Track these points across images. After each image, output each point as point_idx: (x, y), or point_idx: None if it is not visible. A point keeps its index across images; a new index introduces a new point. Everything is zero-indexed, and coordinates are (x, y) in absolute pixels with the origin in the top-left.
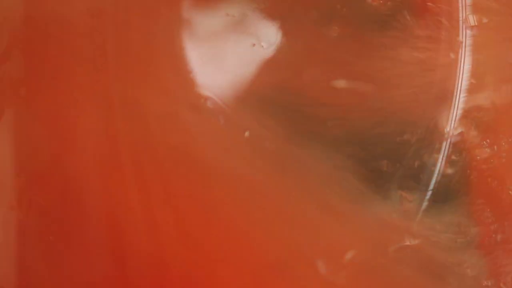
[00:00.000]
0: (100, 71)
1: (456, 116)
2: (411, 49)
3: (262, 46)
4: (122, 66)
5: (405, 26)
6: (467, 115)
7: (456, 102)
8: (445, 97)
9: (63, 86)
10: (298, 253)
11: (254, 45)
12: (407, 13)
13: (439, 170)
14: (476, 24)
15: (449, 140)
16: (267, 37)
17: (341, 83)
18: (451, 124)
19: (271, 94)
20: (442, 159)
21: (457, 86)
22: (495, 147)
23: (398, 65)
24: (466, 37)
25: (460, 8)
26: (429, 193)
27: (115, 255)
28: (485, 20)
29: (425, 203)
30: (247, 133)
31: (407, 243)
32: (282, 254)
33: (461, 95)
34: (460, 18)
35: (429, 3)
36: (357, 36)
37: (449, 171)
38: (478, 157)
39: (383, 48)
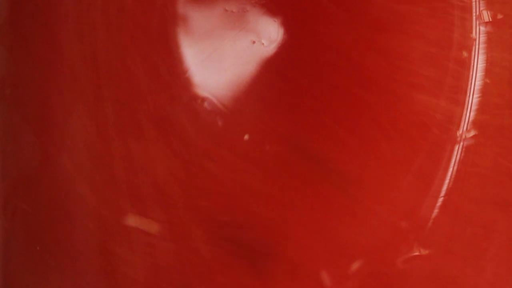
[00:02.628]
0: (91, 71)
1: (469, 118)
2: (421, 47)
3: (263, 44)
4: (114, 65)
5: (415, 22)
6: (481, 117)
7: (469, 103)
8: (457, 98)
9: (51, 86)
10: (300, 263)
11: (254, 42)
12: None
13: (450, 176)
14: (490, 20)
15: (461, 144)
16: (268, 34)
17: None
18: (464, 127)
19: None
20: (454, 163)
21: (470, 86)
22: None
23: (407, 63)
24: (479, 34)
25: (474, 3)
26: (441, 199)
27: (106, 266)
28: (500, 16)
29: (436, 211)
30: (246, 136)
31: (417, 253)
32: (282, 265)
33: (475, 96)
34: (474, 14)
35: None
36: (365, 34)
37: (461, 176)
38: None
39: (394, 46)
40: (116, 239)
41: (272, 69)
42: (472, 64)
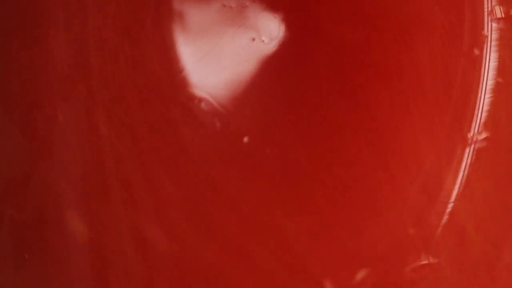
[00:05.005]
0: (81, 69)
1: (480, 119)
2: (429, 45)
3: (263, 41)
4: (106, 65)
5: (423, 19)
6: (493, 118)
7: (481, 104)
8: (468, 98)
9: (40, 85)
10: (303, 271)
11: (253, 39)
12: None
13: (461, 180)
14: (503, 16)
15: (472, 146)
16: (269, 31)
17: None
18: (475, 128)
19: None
20: (465, 167)
21: (482, 86)
22: None
23: (414, 61)
24: (491, 31)
25: None
26: (451, 205)
27: (98, 275)
28: None
29: (445, 217)
30: (246, 139)
31: (425, 261)
32: (285, 272)
33: (486, 96)
34: (485, 10)
35: None
36: (372, 30)
37: (473, 181)
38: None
39: (399, 44)
40: (109, 246)
41: (273, 68)
42: (483, 62)
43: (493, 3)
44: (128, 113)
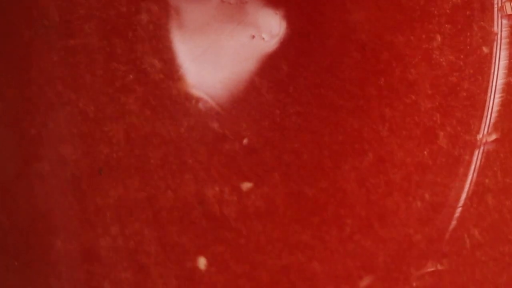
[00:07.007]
0: (75, 69)
1: (490, 120)
2: (436, 42)
3: (263, 39)
4: (98, 64)
5: (430, 15)
6: (503, 119)
7: (490, 104)
8: (477, 98)
9: (32, 88)
10: (305, 278)
11: (253, 37)
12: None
13: (469, 184)
14: None
15: (481, 148)
16: (269, 28)
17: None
18: (484, 130)
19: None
20: (474, 170)
21: (491, 85)
22: None
23: (421, 60)
24: (501, 28)
25: None
26: (459, 210)
27: (91, 282)
28: None
29: (453, 222)
30: (245, 140)
31: (432, 268)
32: (287, 280)
33: (496, 96)
34: (495, 6)
35: None
36: (375, 27)
37: (482, 184)
38: None
39: (404, 40)
40: (102, 253)
41: (273, 67)
42: (493, 61)
43: None
44: (124, 115)
